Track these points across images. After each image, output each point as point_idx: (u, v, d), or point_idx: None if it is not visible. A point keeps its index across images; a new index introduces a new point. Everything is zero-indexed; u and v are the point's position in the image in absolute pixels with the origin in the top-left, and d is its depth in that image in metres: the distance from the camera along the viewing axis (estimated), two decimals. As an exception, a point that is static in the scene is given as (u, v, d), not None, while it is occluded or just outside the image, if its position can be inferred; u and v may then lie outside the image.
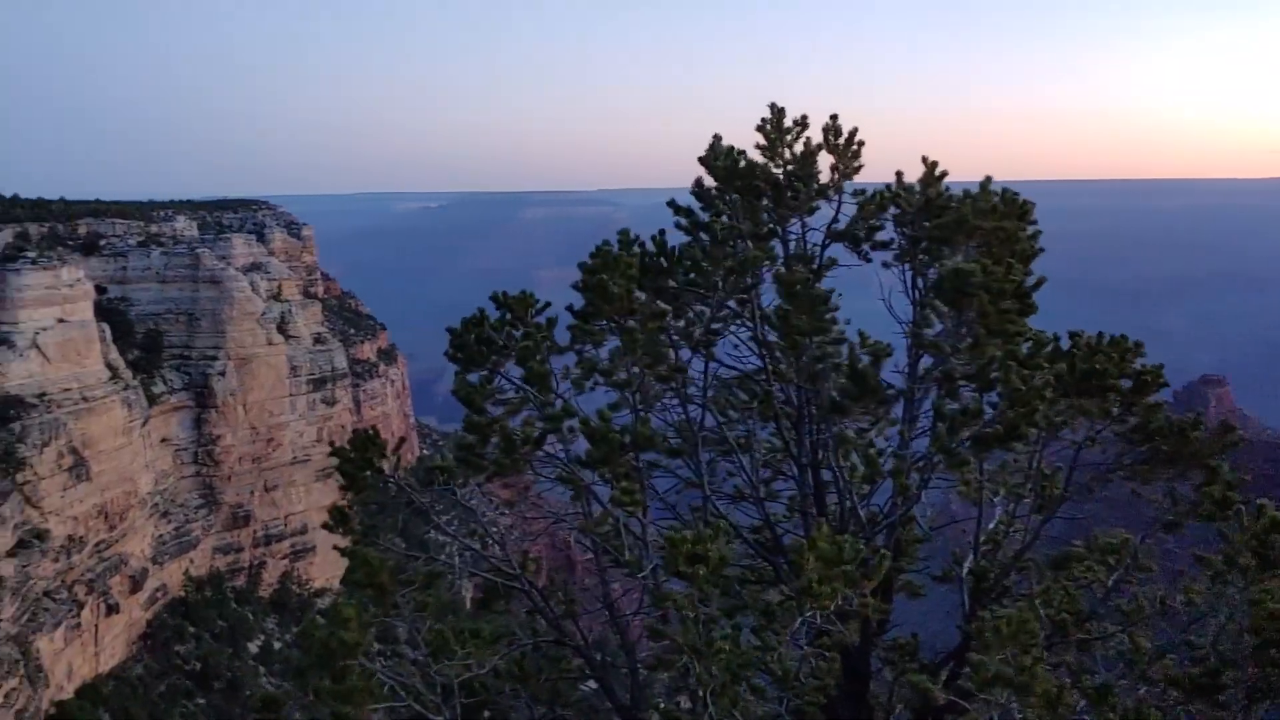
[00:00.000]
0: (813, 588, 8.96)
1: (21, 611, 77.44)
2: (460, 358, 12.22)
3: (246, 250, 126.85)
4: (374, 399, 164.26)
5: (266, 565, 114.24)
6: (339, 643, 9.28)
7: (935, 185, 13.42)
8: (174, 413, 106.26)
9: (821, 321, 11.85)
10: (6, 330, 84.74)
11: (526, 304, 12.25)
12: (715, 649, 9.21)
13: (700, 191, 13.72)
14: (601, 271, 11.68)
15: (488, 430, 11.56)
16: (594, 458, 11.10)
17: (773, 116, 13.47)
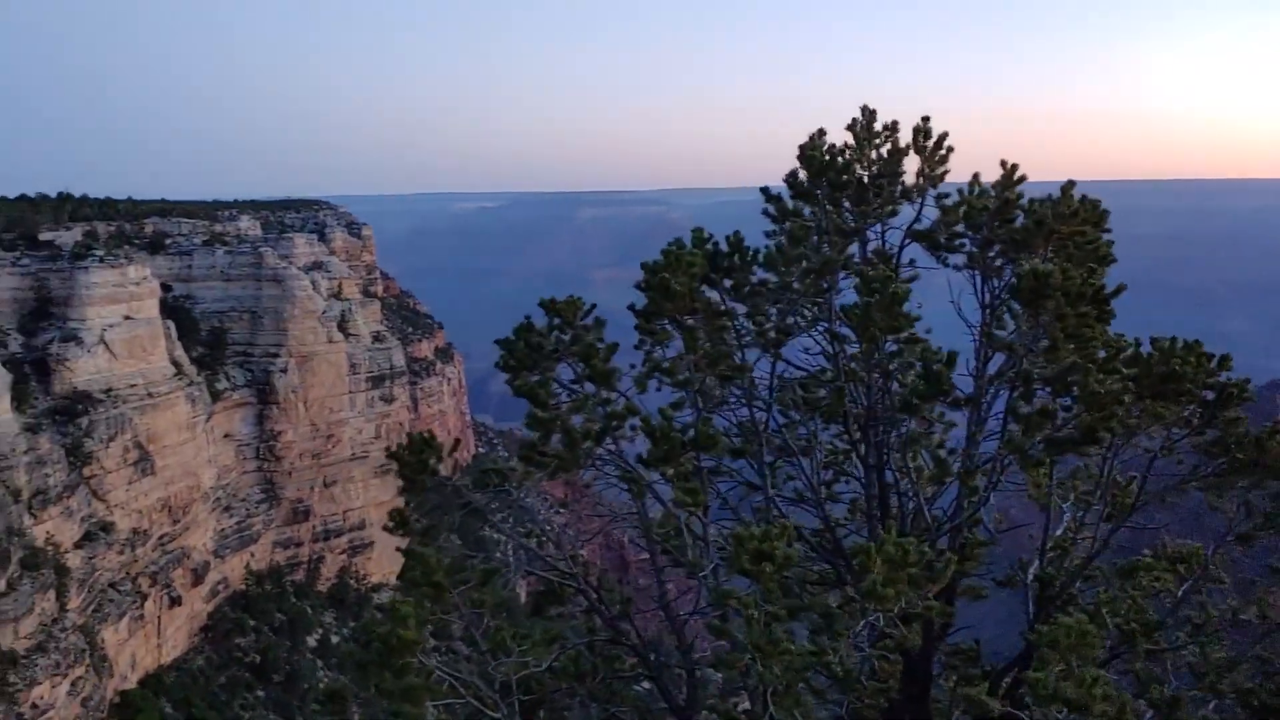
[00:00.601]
0: (877, 590, 8.83)
1: (87, 602, 79.24)
2: (512, 365, 12.24)
3: (308, 249, 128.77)
4: (431, 397, 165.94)
5: (325, 560, 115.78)
6: (398, 640, 9.34)
7: (1012, 188, 13.25)
8: (236, 409, 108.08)
9: (898, 320, 11.71)
10: (75, 327, 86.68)
11: (575, 308, 12.22)
12: (779, 649, 9.11)
13: (794, 182, 13.67)
14: (664, 270, 11.61)
15: (550, 425, 11.55)
16: (655, 457, 11.03)
17: (863, 118, 13.42)
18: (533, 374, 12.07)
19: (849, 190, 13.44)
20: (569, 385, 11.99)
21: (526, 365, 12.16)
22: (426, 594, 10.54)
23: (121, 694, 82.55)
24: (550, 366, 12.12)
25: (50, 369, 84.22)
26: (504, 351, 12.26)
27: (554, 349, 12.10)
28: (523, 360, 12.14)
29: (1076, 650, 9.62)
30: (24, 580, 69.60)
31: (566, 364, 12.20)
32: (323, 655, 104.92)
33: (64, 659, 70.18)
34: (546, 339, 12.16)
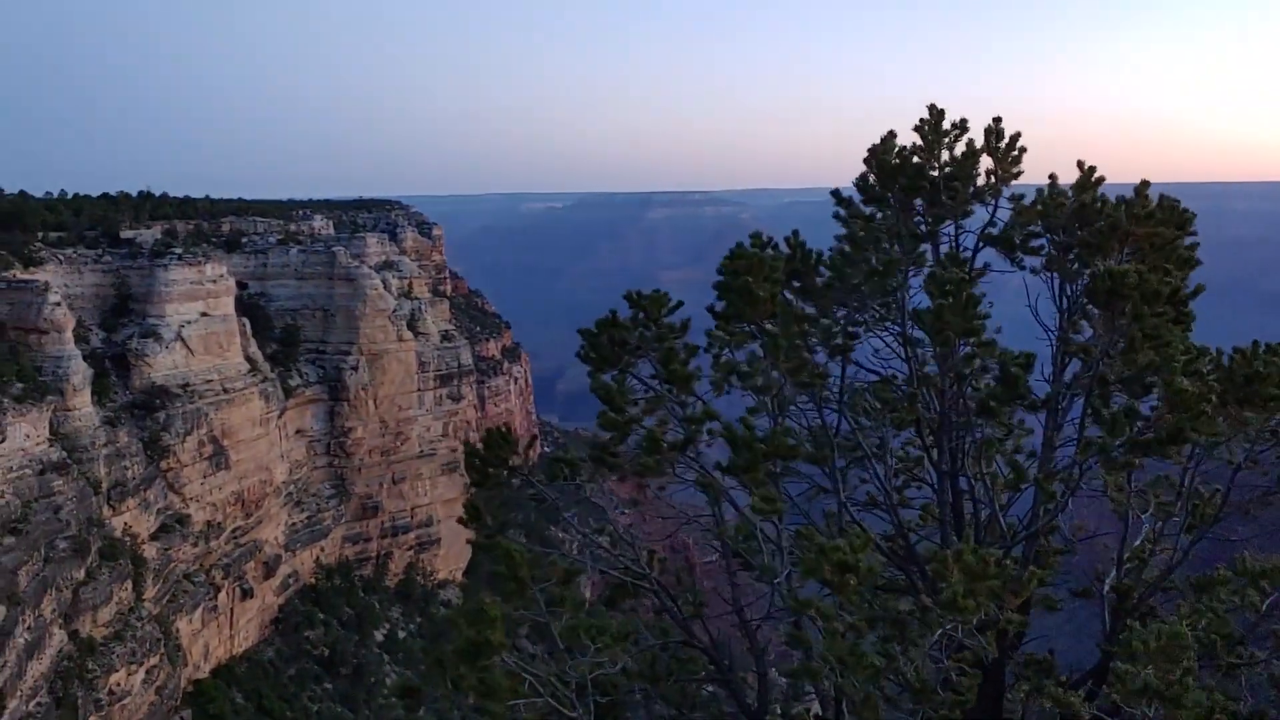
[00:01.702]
0: (957, 601, 8.58)
1: (163, 593, 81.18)
2: (593, 357, 12.12)
3: (379, 249, 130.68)
4: (498, 396, 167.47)
5: (393, 556, 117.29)
6: (484, 642, 9.32)
7: (1090, 190, 12.88)
8: (308, 405, 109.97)
9: (972, 323, 11.41)
10: (153, 323, 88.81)
11: (660, 303, 12.05)
12: (862, 662, 8.95)
13: (864, 185, 13.43)
14: (745, 274, 11.42)
15: (626, 428, 11.42)
16: (736, 464, 10.85)
17: (931, 119, 13.12)
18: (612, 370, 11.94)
19: (921, 192, 13.15)
20: (647, 382, 11.85)
21: (609, 360, 12.03)
22: (509, 590, 10.52)
23: (194, 683, 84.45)
24: (633, 363, 11.99)
25: (129, 364, 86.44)
26: (585, 344, 12.15)
27: (637, 344, 11.97)
28: (604, 354, 12.02)
29: (1165, 654, 9.29)
30: (102, 570, 71.54)
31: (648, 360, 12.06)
32: (390, 650, 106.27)
33: (140, 647, 71.92)
34: (629, 333, 12.03)
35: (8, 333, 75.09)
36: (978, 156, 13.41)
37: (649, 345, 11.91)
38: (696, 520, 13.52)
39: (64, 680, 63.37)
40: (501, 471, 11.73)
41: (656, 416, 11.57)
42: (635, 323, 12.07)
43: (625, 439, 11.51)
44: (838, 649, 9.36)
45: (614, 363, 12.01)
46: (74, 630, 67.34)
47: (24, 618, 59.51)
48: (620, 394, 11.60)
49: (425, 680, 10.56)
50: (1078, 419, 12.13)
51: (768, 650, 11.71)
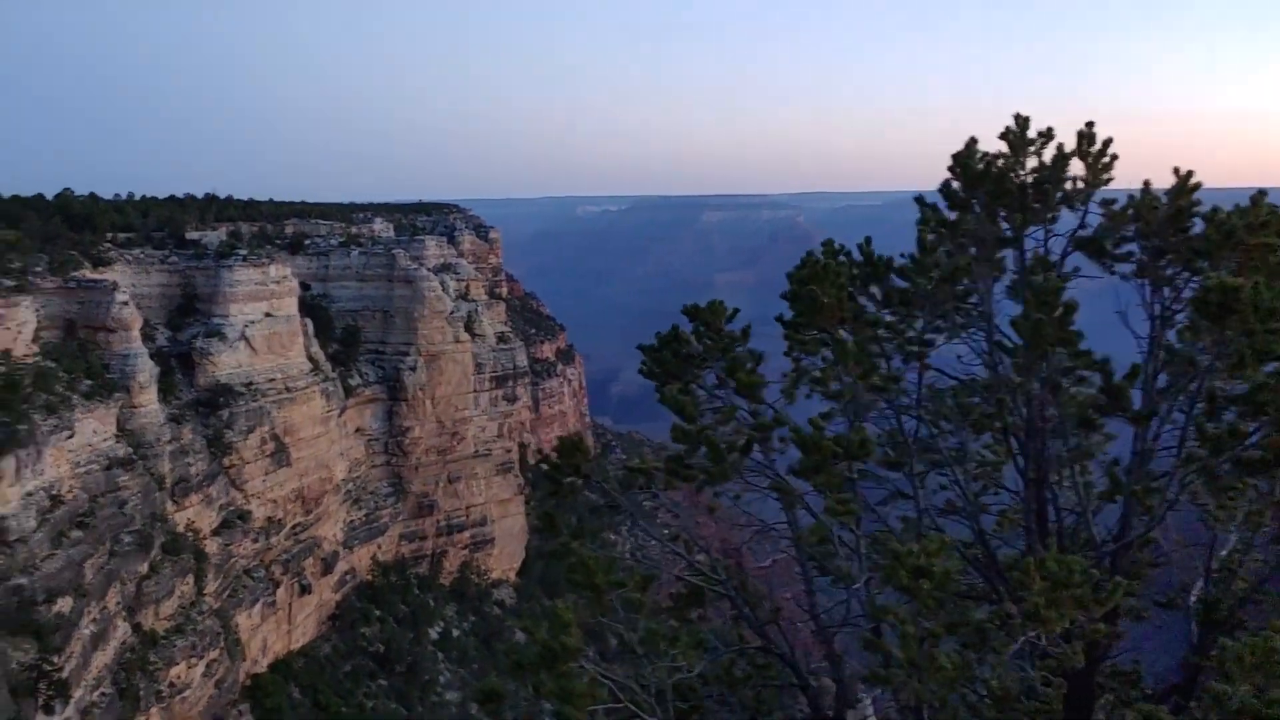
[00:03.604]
0: (1040, 611, 8.33)
1: (223, 587, 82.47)
2: (657, 372, 12.03)
3: (438, 251, 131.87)
4: (552, 398, 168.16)
5: (448, 554, 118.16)
6: (561, 647, 9.28)
7: (1186, 196, 12.52)
8: (368, 404, 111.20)
9: (1068, 331, 11.14)
10: (218, 323, 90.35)
11: (718, 313, 11.94)
12: (937, 667, 8.74)
13: (948, 192, 13.20)
14: (811, 281, 11.27)
15: (698, 439, 11.33)
16: (806, 467, 10.70)
17: (1017, 125, 12.88)
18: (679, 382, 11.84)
19: (1007, 198, 12.89)
20: (713, 391, 11.74)
21: (673, 374, 11.95)
22: (586, 596, 10.48)
23: (253, 678, 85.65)
24: (695, 375, 11.89)
25: (194, 362, 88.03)
26: (646, 359, 12.09)
27: (700, 356, 11.87)
28: (669, 369, 11.93)
29: (1262, 669, 8.93)
30: (165, 564, 72.82)
31: (710, 370, 11.96)
32: (444, 648, 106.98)
33: (200, 641, 73.09)
34: (688, 345, 11.94)
35: (77, 331, 76.83)
36: (1067, 161, 13.13)
37: (711, 356, 11.80)
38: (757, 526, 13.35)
39: (127, 671, 64.49)
40: (575, 479, 11.68)
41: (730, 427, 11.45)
42: (697, 334, 11.97)
43: (698, 450, 11.41)
44: (912, 655, 9.22)
45: (678, 375, 11.91)
46: (137, 623, 68.57)
47: (89, 609, 60.72)
48: (691, 405, 11.48)
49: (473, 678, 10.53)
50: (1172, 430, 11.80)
51: (844, 656, 11.52)
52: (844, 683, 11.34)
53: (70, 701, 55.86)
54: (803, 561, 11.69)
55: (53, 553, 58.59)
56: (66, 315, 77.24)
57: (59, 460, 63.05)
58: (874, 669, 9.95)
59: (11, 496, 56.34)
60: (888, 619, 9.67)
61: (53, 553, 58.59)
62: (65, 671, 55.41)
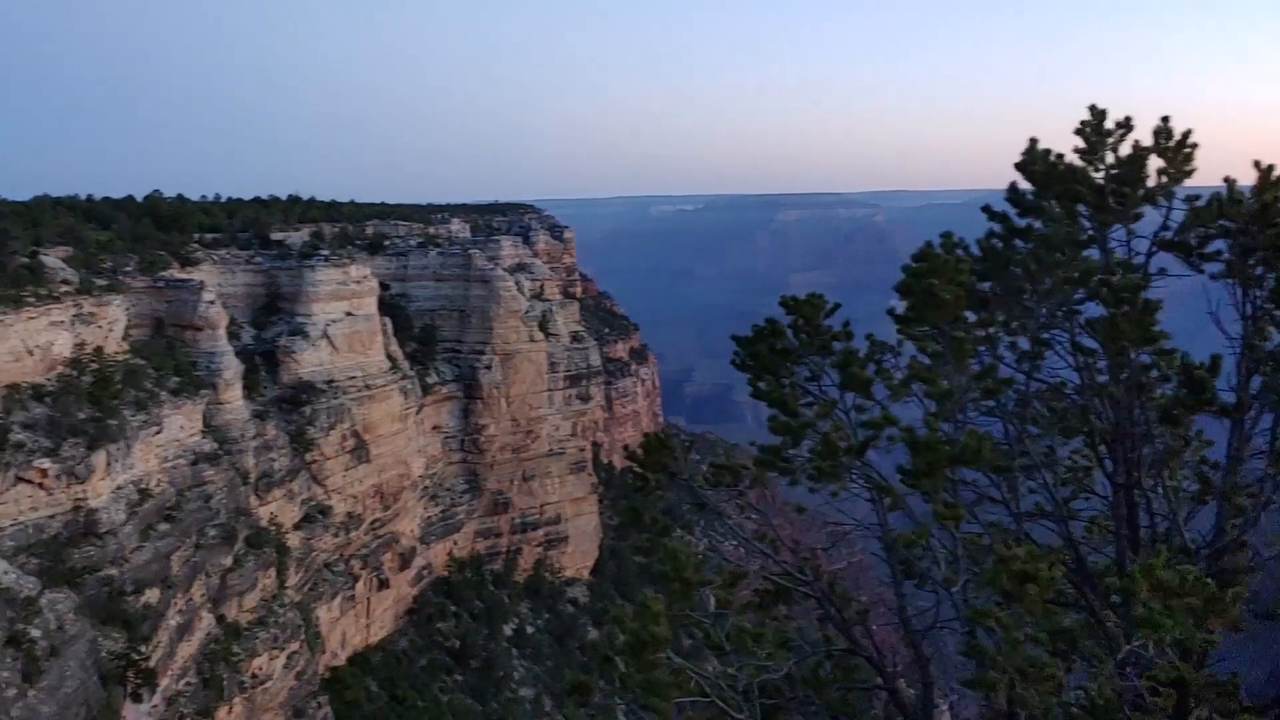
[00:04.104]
0: (1154, 619, 8.11)
1: (304, 581, 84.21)
2: (750, 365, 11.91)
3: (513, 251, 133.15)
4: (625, 397, 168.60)
5: (522, 551, 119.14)
6: (650, 637, 9.26)
7: (1271, 191, 12.03)
8: (444, 402, 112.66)
9: (1150, 331, 10.78)
10: (301, 321, 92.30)
11: (817, 307, 11.76)
12: (1044, 673, 8.58)
13: (1015, 196, 12.88)
14: (930, 275, 11.05)
15: (799, 433, 11.19)
16: (917, 469, 10.52)
17: (1093, 119, 12.49)
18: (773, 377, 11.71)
19: (1084, 197, 12.50)
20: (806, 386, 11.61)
21: (768, 368, 11.83)
22: (676, 591, 10.46)
23: (331, 670, 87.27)
24: (789, 370, 11.75)
25: (278, 360, 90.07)
26: (740, 351, 11.99)
27: (796, 350, 11.73)
28: (764, 363, 11.81)
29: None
30: (249, 557, 74.56)
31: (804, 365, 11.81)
32: (518, 645, 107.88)
33: (282, 633, 74.64)
34: (787, 340, 11.81)
35: (166, 329, 79.07)
36: (1146, 156, 12.68)
37: (808, 350, 11.63)
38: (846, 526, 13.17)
39: (211, 662, 66.11)
40: (661, 477, 11.64)
41: (829, 422, 11.28)
42: (794, 328, 11.81)
43: (798, 444, 11.28)
44: (1017, 660, 9.05)
45: (772, 370, 11.77)
46: (221, 614, 70.27)
47: (175, 601, 62.41)
48: (792, 398, 11.34)
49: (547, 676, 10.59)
50: (1266, 430, 11.38)
51: (933, 660, 11.33)
52: (931, 687, 11.15)
53: (157, 690, 57.44)
54: (893, 564, 11.52)
55: (141, 545, 60.34)
56: (155, 314, 79.53)
57: (147, 455, 64.93)
58: (975, 674, 9.78)
59: (102, 490, 58.14)
60: (987, 624, 9.51)
61: (141, 545, 60.34)
62: (152, 661, 57.02)
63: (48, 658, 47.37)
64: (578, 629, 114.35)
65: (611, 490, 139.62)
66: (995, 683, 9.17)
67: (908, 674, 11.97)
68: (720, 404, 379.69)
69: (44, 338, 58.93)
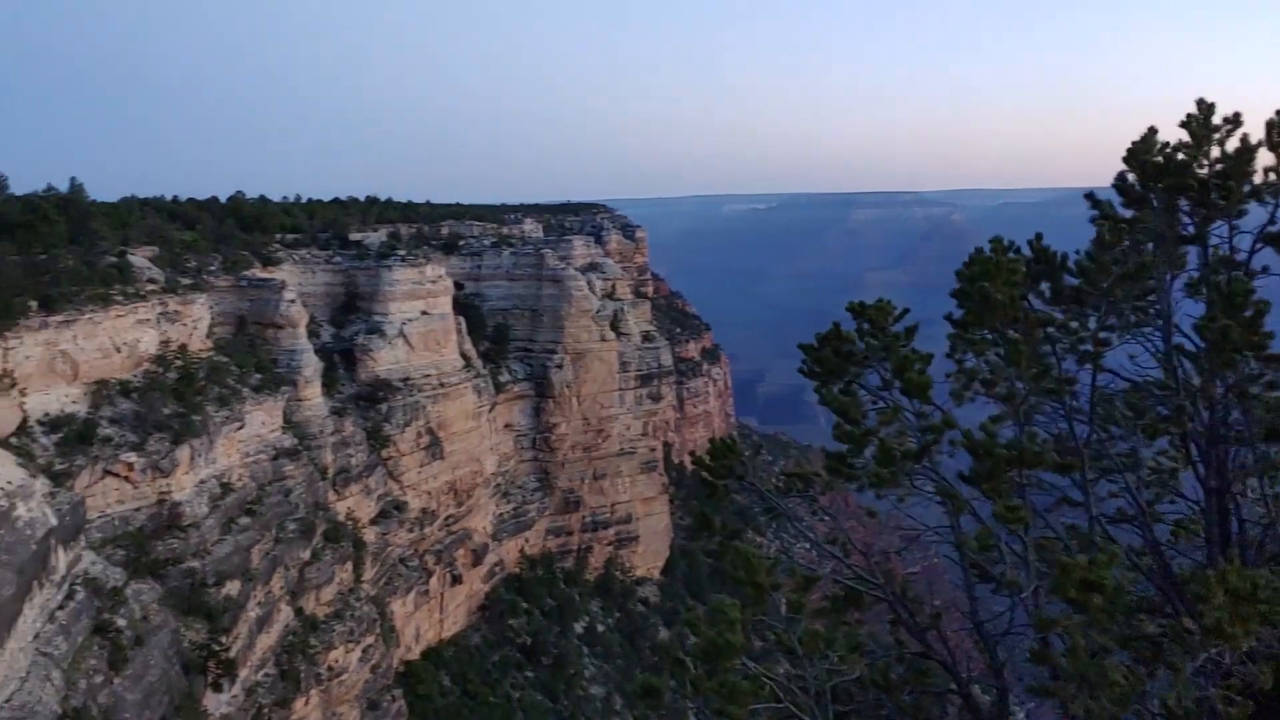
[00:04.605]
0: (1222, 626, 7.83)
1: (380, 575, 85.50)
2: (817, 371, 11.77)
3: (585, 251, 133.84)
4: (696, 397, 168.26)
5: (593, 550, 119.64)
6: (725, 644, 9.24)
7: None
8: (516, 401, 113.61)
9: (1257, 335, 10.41)
10: (379, 320, 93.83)
11: (886, 312, 11.58)
12: (1109, 681, 8.34)
13: (1123, 186, 12.53)
14: (983, 278, 10.82)
15: (863, 441, 11.05)
16: (977, 473, 10.33)
17: (1200, 113, 12.09)
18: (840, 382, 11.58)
19: (1188, 192, 12.09)
20: (876, 392, 11.45)
21: (834, 373, 11.69)
22: (749, 595, 10.42)
23: (405, 664, 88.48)
24: (858, 374, 11.60)
25: (356, 358, 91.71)
26: (806, 358, 11.87)
27: (863, 355, 11.57)
28: (830, 368, 11.67)
29: None
30: (326, 551, 75.92)
31: (873, 370, 11.64)
32: (589, 643, 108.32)
33: (358, 627, 75.81)
34: (854, 345, 11.66)
35: (248, 327, 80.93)
36: (1254, 152, 12.22)
37: (875, 355, 11.44)
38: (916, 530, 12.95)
39: (289, 654, 67.33)
40: (728, 482, 11.57)
41: (894, 427, 11.10)
42: (861, 333, 11.65)
43: (862, 451, 11.13)
44: (1082, 668, 8.85)
45: (839, 375, 11.62)
46: (299, 607, 71.59)
47: (255, 593, 63.73)
48: (854, 406, 11.19)
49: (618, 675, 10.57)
50: None
51: (1006, 665, 11.09)
52: (1005, 693, 10.92)
53: (237, 680, 58.70)
54: (964, 568, 11.30)
55: (222, 538, 61.71)
56: (238, 312, 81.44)
57: (229, 450, 66.44)
58: (1042, 682, 9.55)
59: (186, 484, 59.63)
60: (1056, 631, 9.28)
61: (222, 538, 61.71)
62: (233, 652, 58.28)
63: (133, 647, 48.69)
64: (648, 628, 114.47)
65: (682, 490, 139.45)
66: (1064, 691, 8.95)
67: (981, 679, 11.75)
68: (793, 405, 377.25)
69: (131, 335, 60.59)
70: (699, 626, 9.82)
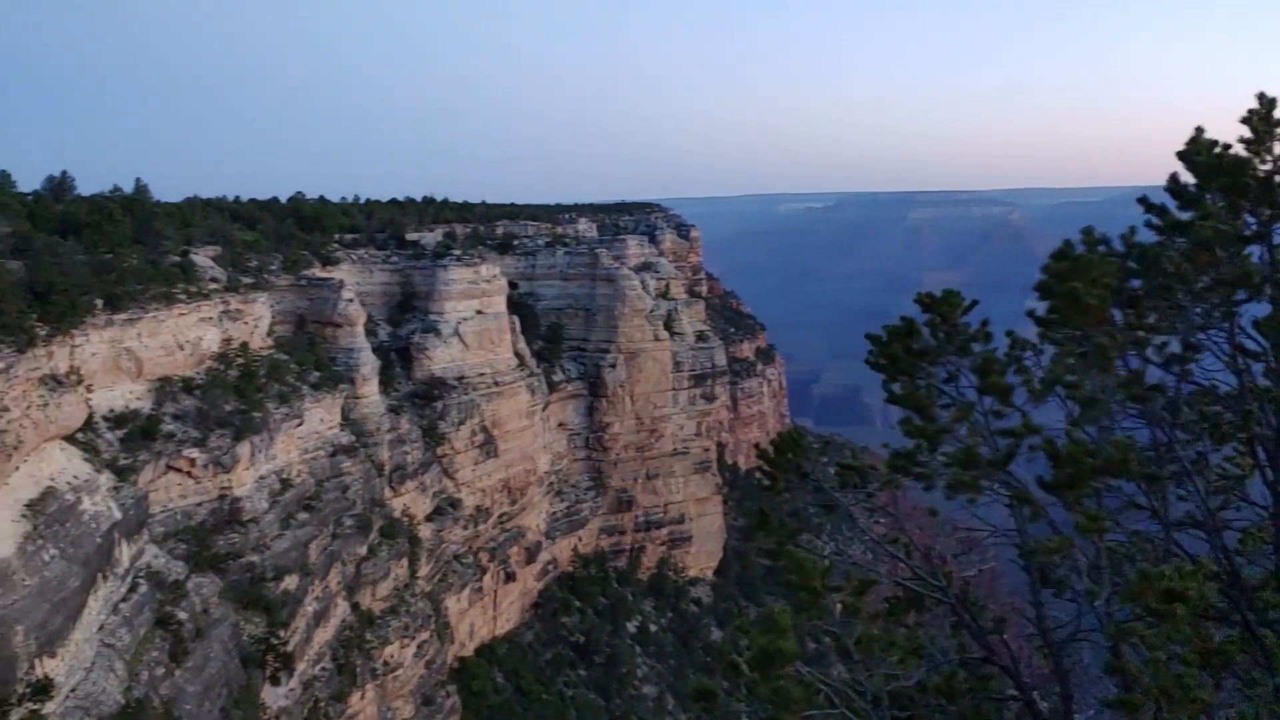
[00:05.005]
0: None
1: (434, 572, 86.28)
2: (884, 365, 11.53)
3: (639, 250, 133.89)
4: (751, 398, 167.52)
5: (646, 550, 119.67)
6: (778, 651, 9.12)
7: None
8: (570, 400, 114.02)
9: None
10: (434, 319, 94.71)
11: (954, 304, 11.28)
12: (1189, 696, 8.09)
13: (1176, 188, 12.17)
14: (1072, 276, 10.50)
15: (936, 438, 10.79)
16: (1059, 481, 10.05)
17: (1261, 108, 11.71)
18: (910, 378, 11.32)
19: (1247, 191, 11.69)
20: (943, 388, 11.18)
21: (902, 368, 11.45)
22: (803, 600, 10.26)
23: (460, 660, 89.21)
24: (926, 371, 11.35)
25: (412, 357, 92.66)
26: (874, 351, 11.63)
27: (933, 351, 11.32)
28: (899, 364, 11.43)
29: None
30: (382, 547, 76.78)
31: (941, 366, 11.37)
32: (642, 642, 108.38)
33: (413, 622, 76.61)
34: (923, 339, 11.40)
35: (307, 325, 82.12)
36: None
37: (945, 351, 11.17)
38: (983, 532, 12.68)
39: (345, 649, 68.24)
40: (791, 477, 11.37)
41: (967, 426, 10.83)
42: (931, 327, 11.37)
43: (934, 449, 10.86)
44: (1162, 681, 8.58)
45: (907, 371, 11.36)
46: (355, 602, 72.51)
47: (313, 588, 64.64)
48: (930, 400, 10.93)
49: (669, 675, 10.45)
50: None
51: (1072, 674, 10.79)
52: (1070, 700, 10.62)
53: (294, 674, 59.58)
54: (1031, 572, 11.01)
55: (281, 533, 62.67)
56: (298, 311, 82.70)
57: (289, 446, 67.45)
58: (1112, 693, 9.27)
59: (246, 479, 60.64)
60: (1131, 640, 9.00)
61: (281, 533, 62.67)
62: (290, 645, 59.17)
63: (193, 639, 49.61)
64: (701, 629, 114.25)
65: (736, 491, 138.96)
66: (1139, 703, 8.67)
67: (1044, 686, 11.46)
68: (849, 406, 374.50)
69: (194, 333, 61.76)
70: (751, 634, 9.67)
